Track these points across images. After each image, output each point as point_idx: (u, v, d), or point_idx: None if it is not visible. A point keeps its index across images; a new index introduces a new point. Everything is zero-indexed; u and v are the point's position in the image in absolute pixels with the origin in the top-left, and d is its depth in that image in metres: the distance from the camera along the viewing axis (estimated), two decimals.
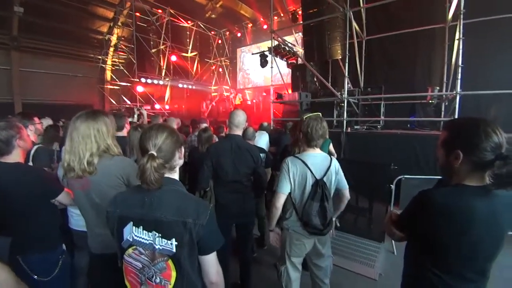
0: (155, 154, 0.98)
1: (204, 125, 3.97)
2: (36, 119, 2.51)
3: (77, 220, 1.90)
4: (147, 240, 0.98)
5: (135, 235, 0.99)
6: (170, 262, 0.97)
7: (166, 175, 1.04)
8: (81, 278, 2.02)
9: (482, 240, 0.93)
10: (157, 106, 13.16)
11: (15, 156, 1.49)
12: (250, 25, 15.09)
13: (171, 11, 13.16)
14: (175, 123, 4.31)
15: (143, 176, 0.94)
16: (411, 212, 1.06)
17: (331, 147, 3.86)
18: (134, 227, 1.00)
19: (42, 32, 10.46)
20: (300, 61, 8.68)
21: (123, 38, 13.17)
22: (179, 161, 1.11)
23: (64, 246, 1.68)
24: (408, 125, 5.94)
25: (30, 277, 1.45)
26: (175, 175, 1.11)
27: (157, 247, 0.96)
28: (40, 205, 1.51)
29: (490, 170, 0.90)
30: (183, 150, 1.15)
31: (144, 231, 0.98)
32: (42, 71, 10.74)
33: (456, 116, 4.58)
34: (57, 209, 1.70)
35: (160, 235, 0.96)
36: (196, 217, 0.97)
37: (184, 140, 4.04)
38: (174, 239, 0.95)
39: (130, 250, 1.01)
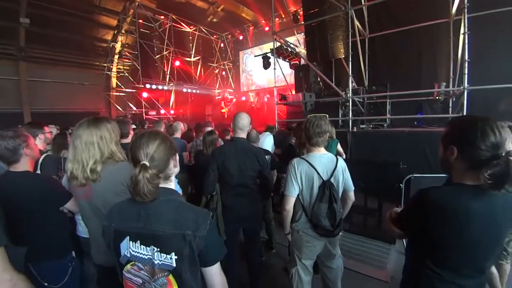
0: (147, 164, 0.92)
1: (209, 128, 3.97)
2: (46, 128, 2.54)
3: (84, 228, 1.90)
4: (146, 255, 0.93)
5: (133, 250, 0.95)
6: (171, 277, 0.92)
7: (162, 184, 0.99)
8: (91, 285, 2.03)
9: (480, 239, 0.93)
10: (162, 111, 13.28)
11: (23, 165, 1.50)
12: (251, 27, 15.15)
13: (174, 17, 13.31)
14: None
15: (136, 188, 0.89)
16: (409, 210, 1.10)
17: (339, 147, 3.81)
18: (131, 242, 0.95)
19: (48, 42, 10.71)
20: (303, 61, 8.65)
21: (127, 45, 13.37)
22: (174, 169, 1.06)
23: (73, 253, 1.69)
24: (415, 123, 5.85)
25: (41, 284, 1.46)
26: (171, 184, 1.06)
27: (156, 262, 0.92)
28: (50, 213, 1.52)
29: (485, 170, 0.90)
30: (177, 157, 1.09)
31: (142, 246, 0.94)
32: (50, 80, 10.98)
33: (465, 112, 4.50)
34: (66, 217, 1.71)
35: (158, 249, 0.92)
36: (195, 228, 0.92)
37: (187, 145, 4.04)
38: (173, 253, 0.91)
39: (128, 266, 0.97)
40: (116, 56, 13.24)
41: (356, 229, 3.59)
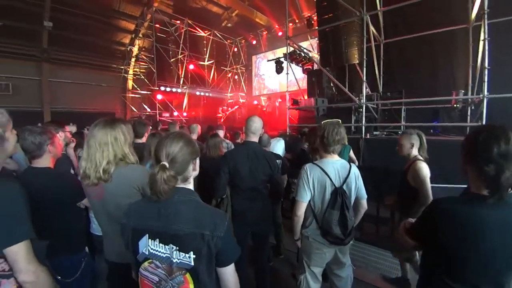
0: (167, 165, 0.95)
1: (220, 131, 4.00)
2: (66, 127, 2.63)
3: (98, 225, 1.95)
4: (164, 254, 0.95)
5: (151, 248, 0.96)
6: (188, 275, 0.94)
7: (181, 185, 1.01)
8: (101, 282, 2.06)
9: (496, 250, 0.89)
10: (175, 113, 13.53)
11: (45, 161, 1.56)
12: (265, 32, 15.25)
13: (189, 21, 13.58)
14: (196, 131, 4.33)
15: (154, 186, 0.93)
16: (422, 220, 1.08)
17: (351, 153, 3.76)
18: (150, 240, 0.97)
19: (69, 45, 11.15)
20: (316, 66, 8.61)
21: (143, 49, 13.73)
22: (192, 172, 1.08)
23: (87, 249, 1.74)
24: (431, 131, 5.68)
25: (54, 277, 1.49)
26: (190, 186, 1.07)
27: (174, 260, 0.93)
28: (68, 208, 1.56)
29: (483, 176, 0.89)
30: (197, 161, 1.10)
31: (161, 244, 0.95)
32: (69, 81, 11.41)
33: (484, 121, 4.34)
34: (82, 212, 1.75)
35: (177, 248, 0.93)
36: (213, 228, 0.94)
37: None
38: (192, 252, 0.93)
39: (146, 264, 0.98)
40: (133, 59, 13.63)
41: (367, 238, 3.50)
